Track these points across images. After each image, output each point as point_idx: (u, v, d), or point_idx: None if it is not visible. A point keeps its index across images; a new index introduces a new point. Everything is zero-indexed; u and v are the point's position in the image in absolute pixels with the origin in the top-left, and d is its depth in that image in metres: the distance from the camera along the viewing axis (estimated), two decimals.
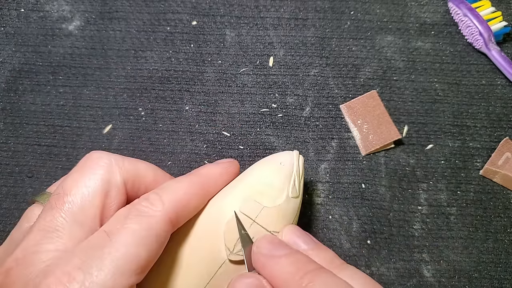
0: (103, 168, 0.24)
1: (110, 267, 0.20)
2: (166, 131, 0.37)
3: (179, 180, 0.26)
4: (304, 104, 0.37)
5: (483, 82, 0.38)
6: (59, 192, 0.23)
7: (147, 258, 0.22)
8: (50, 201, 0.23)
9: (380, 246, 0.33)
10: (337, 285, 0.21)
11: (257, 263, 0.24)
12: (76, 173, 0.24)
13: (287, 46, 0.39)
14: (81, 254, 0.21)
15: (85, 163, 0.25)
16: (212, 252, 0.26)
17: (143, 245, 0.22)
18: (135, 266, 0.21)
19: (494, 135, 0.36)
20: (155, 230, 0.22)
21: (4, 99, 0.38)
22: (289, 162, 0.28)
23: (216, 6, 0.40)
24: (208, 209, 0.27)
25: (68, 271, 0.20)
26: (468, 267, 0.33)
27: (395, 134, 0.35)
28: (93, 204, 0.23)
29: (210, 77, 0.38)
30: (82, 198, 0.23)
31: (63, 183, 0.24)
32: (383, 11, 0.40)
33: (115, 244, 0.21)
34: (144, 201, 0.23)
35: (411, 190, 0.35)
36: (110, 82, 0.38)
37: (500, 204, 0.35)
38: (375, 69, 0.38)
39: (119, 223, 0.22)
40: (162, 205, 0.23)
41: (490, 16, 0.38)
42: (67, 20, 0.40)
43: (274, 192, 0.27)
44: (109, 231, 0.22)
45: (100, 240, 0.21)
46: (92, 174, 0.24)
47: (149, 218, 0.22)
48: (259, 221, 0.26)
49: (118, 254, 0.21)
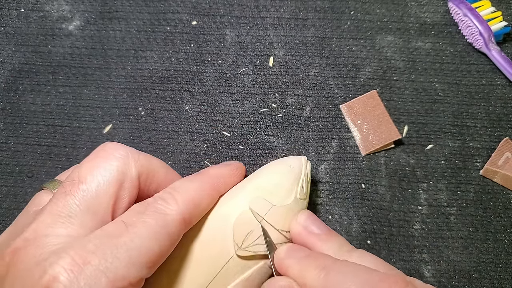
0: (119, 160, 0.24)
1: (125, 255, 0.21)
2: (166, 131, 0.37)
3: (191, 180, 0.26)
4: (304, 104, 0.37)
5: (483, 82, 0.38)
6: (74, 179, 0.23)
7: (159, 253, 0.22)
8: (64, 187, 0.23)
9: (380, 246, 0.33)
10: (349, 269, 0.22)
11: (281, 267, 0.25)
12: (91, 161, 0.24)
13: (287, 46, 0.39)
14: (96, 240, 0.21)
15: (100, 152, 0.25)
16: (220, 247, 0.27)
17: (157, 240, 0.22)
18: (147, 259, 0.21)
19: (494, 135, 0.36)
20: (169, 228, 0.23)
21: (4, 99, 0.38)
22: (298, 165, 0.30)
23: (216, 6, 0.40)
24: (219, 207, 0.28)
25: (83, 254, 0.20)
26: (468, 267, 0.33)
27: (395, 134, 0.35)
28: (107, 194, 0.23)
29: (210, 77, 0.38)
30: (97, 187, 0.23)
31: (78, 170, 0.24)
32: (383, 11, 0.40)
33: (131, 234, 0.21)
34: (159, 200, 0.24)
35: (411, 190, 0.35)
36: (110, 82, 0.38)
37: (500, 204, 0.35)
38: (375, 69, 0.38)
39: (135, 216, 0.23)
40: (177, 205, 0.24)
41: (490, 16, 0.38)
42: (67, 20, 0.40)
43: (283, 192, 0.28)
44: (127, 222, 0.22)
45: (117, 229, 0.22)
46: (109, 164, 0.24)
47: (165, 216, 0.23)
48: (268, 219, 0.27)
49: (133, 245, 0.21)
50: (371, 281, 0.21)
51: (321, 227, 0.27)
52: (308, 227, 0.27)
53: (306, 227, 0.27)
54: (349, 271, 0.22)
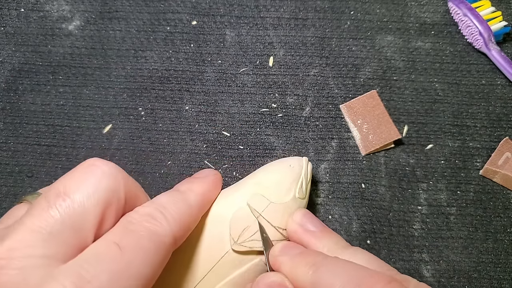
0: (110, 178, 0.22)
1: (122, 284, 0.19)
2: (166, 131, 0.37)
3: (177, 198, 0.25)
4: (304, 104, 0.37)
5: (483, 82, 0.38)
6: (59, 190, 0.21)
7: (153, 277, 0.21)
8: (47, 198, 0.20)
9: (379, 246, 0.33)
10: (337, 265, 0.23)
11: (275, 264, 0.26)
12: (79, 175, 0.22)
13: (287, 46, 0.39)
14: (88, 266, 0.19)
15: (90, 167, 0.22)
16: (217, 242, 0.27)
17: (152, 264, 0.21)
18: (142, 284, 0.20)
19: (494, 135, 0.36)
20: (163, 250, 0.22)
21: (4, 99, 0.38)
22: (298, 165, 0.30)
23: (216, 6, 0.40)
24: (217, 203, 0.29)
25: (78, 283, 0.18)
26: (467, 267, 0.33)
27: (395, 134, 0.35)
28: (94, 212, 0.21)
29: (210, 77, 0.38)
30: (85, 202, 0.21)
31: (64, 182, 0.21)
32: (383, 11, 0.40)
33: (127, 260, 0.20)
34: (149, 218, 0.22)
35: (411, 190, 0.35)
36: (110, 82, 0.38)
37: (500, 204, 0.35)
38: (375, 69, 0.38)
39: (128, 236, 0.21)
40: (169, 226, 0.23)
41: (490, 16, 0.38)
42: (67, 20, 0.40)
43: (282, 190, 0.28)
44: (120, 244, 0.20)
45: (110, 252, 0.20)
46: (99, 180, 0.22)
47: (159, 237, 0.22)
48: (265, 215, 0.27)
49: (130, 273, 0.20)
50: (358, 278, 0.21)
51: (316, 224, 0.28)
52: (304, 225, 0.27)
53: (302, 225, 0.27)
54: (337, 268, 0.22)
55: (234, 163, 0.36)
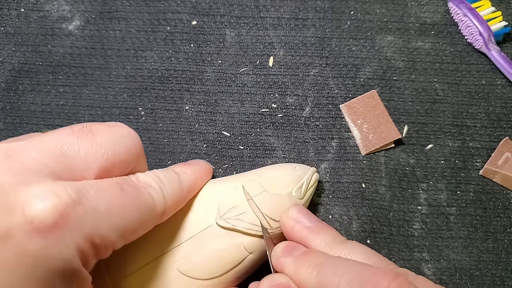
0: (130, 139, 0.24)
1: (112, 218, 0.20)
2: (166, 130, 0.37)
3: (173, 177, 0.26)
4: (304, 104, 0.37)
5: (483, 82, 0.38)
6: (85, 126, 0.22)
7: (133, 232, 0.22)
8: (73, 127, 0.22)
9: (380, 245, 0.33)
10: (340, 265, 0.23)
11: (278, 265, 0.26)
12: (107, 125, 0.24)
13: (287, 46, 0.39)
14: (90, 189, 0.20)
15: (116, 125, 0.24)
16: (203, 215, 0.27)
17: (140, 218, 0.22)
18: (122, 232, 0.21)
19: (494, 135, 0.36)
20: (152, 216, 0.23)
21: (4, 99, 0.38)
22: (303, 170, 0.31)
23: (216, 6, 0.40)
24: (214, 183, 0.30)
25: (79, 191, 0.19)
26: (468, 266, 0.33)
27: (395, 134, 0.35)
28: (107, 157, 0.22)
29: (210, 77, 0.38)
30: (104, 144, 0.22)
31: (92, 124, 0.23)
32: (383, 11, 0.40)
33: (124, 201, 0.21)
34: (148, 186, 0.24)
35: (411, 190, 0.35)
36: (110, 82, 0.38)
37: (500, 204, 0.35)
38: (375, 69, 0.38)
39: (129, 185, 0.22)
40: (164, 199, 0.24)
41: (490, 16, 0.38)
42: (67, 20, 0.40)
43: (280, 185, 0.29)
44: (122, 186, 0.22)
45: (112, 188, 0.21)
46: (122, 135, 0.24)
47: (153, 202, 0.23)
48: (256, 200, 0.28)
49: (122, 213, 0.21)
50: (362, 276, 0.21)
51: (313, 220, 0.28)
52: (300, 221, 0.27)
53: (298, 221, 0.27)
54: (341, 267, 0.22)
55: (234, 163, 0.36)
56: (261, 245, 0.27)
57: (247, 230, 0.27)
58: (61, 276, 0.18)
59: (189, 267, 0.26)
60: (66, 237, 0.18)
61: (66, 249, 0.18)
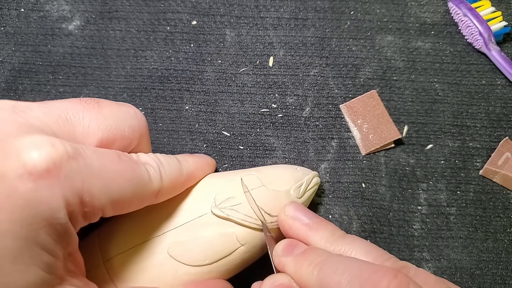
0: (136, 119, 0.25)
1: (103, 180, 0.21)
2: (166, 130, 0.37)
3: (173, 162, 0.27)
4: (304, 104, 0.37)
5: (483, 82, 0.38)
6: (95, 99, 0.23)
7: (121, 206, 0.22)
8: (82, 98, 0.23)
9: (380, 245, 0.33)
10: (341, 263, 0.23)
11: (279, 264, 0.26)
12: (116, 104, 0.25)
13: (287, 46, 0.39)
14: (86, 149, 0.20)
15: (125, 104, 0.25)
16: (200, 202, 0.28)
17: (135, 191, 0.22)
18: (118, 200, 0.21)
19: (494, 135, 0.36)
20: (146, 193, 0.23)
21: (4, 99, 0.38)
22: (304, 172, 0.31)
23: (216, 5, 0.40)
24: (214, 175, 0.30)
25: (74, 147, 0.20)
26: (469, 265, 0.33)
27: (395, 134, 0.35)
28: (110, 130, 0.23)
29: (210, 76, 0.38)
30: (109, 117, 0.23)
31: (101, 99, 0.24)
32: (383, 11, 0.40)
33: (120, 168, 0.22)
34: (148, 165, 0.24)
35: (411, 190, 0.35)
36: (110, 82, 0.38)
37: (500, 204, 0.35)
38: (375, 69, 0.38)
39: (127, 157, 0.23)
40: (161, 180, 0.24)
41: (490, 16, 0.38)
42: (67, 20, 0.40)
43: (278, 182, 0.29)
44: (120, 156, 0.22)
45: (110, 154, 0.22)
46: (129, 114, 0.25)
47: (150, 181, 0.23)
48: (253, 193, 0.28)
49: (116, 179, 0.21)
50: (363, 275, 0.21)
51: (310, 216, 0.28)
52: (297, 218, 0.27)
53: (295, 218, 0.27)
54: (342, 266, 0.22)
55: (234, 163, 0.36)
56: (254, 238, 0.28)
57: (241, 221, 0.27)
58: (47, 225, 0.18)
59: (179, 252, 0.26)
60: (55, 186, 0.18)
61: (55, 197, 0.18)
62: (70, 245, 0.20)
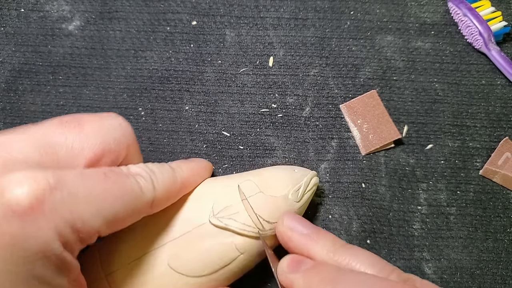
0: (121, 130, 0.25)
1: (91, 205, 0.20)
2: (166, 131, 0.37)
3: (166, 169, 0.26)
4: (304, 104, 0.37)
5: (483, 82, 0.38)
6: (76, 118, 0.23)
7: (115, 223, 0.22)
8: (61, 118, 0.23)
9: (380, 245, 0.33)
10: (357, 280, 0.22)
11: (285, 281, 0.25)
12: (99, 116, 0.24)
13: (287, 46, 0.39)
14: (69, 173, 0.20)
15: (109, 115, 0.25)
16: (198, 212, 0.27)
17: (123, 209, 0.22)
18: (112, 219, 0.21)
19: (494, 135, 0.36)
20: (139, 205, 0.23)
21: (4, 99, 0.38)
22: (302, 173, 0.30)
23: (216, 6, 0.40)
24: (210, 182, 0.30)
25: (58, 177, 0.19)
26: (469, 265, 0.33)
27: (395, 134, 0.35)
28: (94, 147, 0.23)
29: (210, 77, 0.38)
30: (91, 135, 0.23)
31: (83, 115, 0.23)
32: (383, 11, 0.40)
33: (106, 187, 0.21)
34: (138, 176, 0.24)
35: (411, 190, 0.35)
36: (110, 82, 0.38)
37: (500, 204, 0.35)
38: (375, 69, 0.38)
39: (116, 173, 0.22)
40: (154, 190, 0.24)
41: (490, 16, 0.38)
42: (67, 20, 0.40)
43: (276, 187, 0.29)
44: (107, 174, 0.22)
45: (95, 175, 0.21)
46: (112, 127, 0.24)
47: (142, 192, 0.23)
48: (251, 201, 0.28)
49: (104, 199, 0.21)
50: None
51: (308, 226, 0.27)
52: (295, 229, 0.27)
53: (293, 229, 0.27)
54: (356, 282, 0.22)
55: (234, 163, 0.36)
56: (253, 246, 0.27)
57: (240, 230, 0.27)
58: (42, 258, 0.18)
59: (180, 264, 0.26)
60: (43, 220, 0.18)
61: (44, 231, 0.18)
62: (72, 273, 0.20)
